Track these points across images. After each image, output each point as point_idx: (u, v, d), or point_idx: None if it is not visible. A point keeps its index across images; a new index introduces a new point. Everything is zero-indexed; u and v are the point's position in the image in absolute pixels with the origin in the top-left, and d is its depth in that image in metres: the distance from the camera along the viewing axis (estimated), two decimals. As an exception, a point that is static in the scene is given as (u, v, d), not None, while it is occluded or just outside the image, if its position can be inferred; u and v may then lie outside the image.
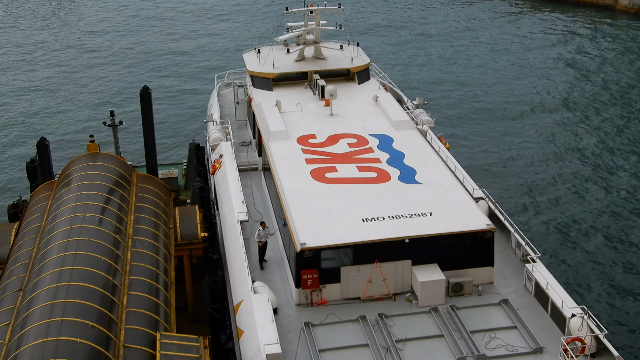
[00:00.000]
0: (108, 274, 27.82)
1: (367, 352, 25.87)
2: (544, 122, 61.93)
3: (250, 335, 25.98)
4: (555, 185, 51.31)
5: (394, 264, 28.78)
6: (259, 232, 30.86)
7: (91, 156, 37.36)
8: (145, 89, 42.14)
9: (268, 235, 31.27)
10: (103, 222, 31.13)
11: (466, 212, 30.13)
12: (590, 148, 57.02)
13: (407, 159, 34.62)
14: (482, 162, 54.75)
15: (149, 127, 42.36)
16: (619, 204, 48.54)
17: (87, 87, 71.86)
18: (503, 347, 25.97)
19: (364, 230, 28.84)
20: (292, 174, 33.39)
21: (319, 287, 28.61)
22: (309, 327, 27.29)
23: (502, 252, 31.55)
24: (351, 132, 37.63)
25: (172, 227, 35.21)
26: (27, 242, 32.02)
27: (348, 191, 31.76)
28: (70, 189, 33.94)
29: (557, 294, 27.12)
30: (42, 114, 65.84)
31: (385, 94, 42.47)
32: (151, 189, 36.89)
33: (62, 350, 22.97)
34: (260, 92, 43.31)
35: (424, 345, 26.17)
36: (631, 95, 67.62)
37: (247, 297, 27.74)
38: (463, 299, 28.78)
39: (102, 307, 25.82)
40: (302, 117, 39.70)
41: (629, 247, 43.51)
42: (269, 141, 36.76)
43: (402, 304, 28.62)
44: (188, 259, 35.49)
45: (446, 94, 68.39)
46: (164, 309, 28.48)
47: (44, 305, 25.20)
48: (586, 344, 24.72)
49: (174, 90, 70.68)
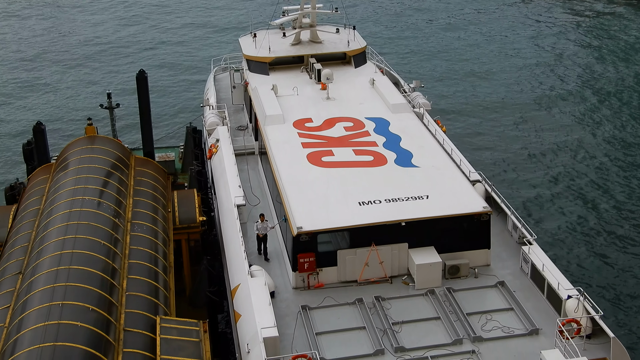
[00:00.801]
0: (108, 258, 27.95)
1: (364, 335, 26.09)
2: (542, 106, 61.95)
3: (247, 318, 26.17)
4: (552, 169, 51.46)
5: (390, 247, 28.95)
6: (257, 225, 30.78)
7: (89, 139, 37.39)
8: (142, 73, 42.11)
9: (268, 229, 31.03)
10: (102, 206, 31.21)
11: (463, 195, 30.28)
12: (588, 132, 57.13)
13: (404, 142, 34.71)
14: (479, 144, 54.85)
15: (145, 111, 42.37)
16: (616, 187, 48.73)
17: (84, 71, 71.66)
18: (499, 328, 26.22)
19: (360, 214, 28.98)
20: (288, 158, 33.49)
21: (316, 270, 28.79)
22: (306, 310, 27.48)
23: (499, 234, 31.74)
24: (347, 116, 37.69)
25: (170, 211, 35.31)
26: (25, 225, 32.11)
27: (344, 175, 31.88)
28: (68, 172, 33.99)
29: (553, 276, 27.33)
30: (38, 96, 65.73)
31: (382, 77, 42.50)
32: (149, 173, 36.95)
33: (64, 334, 23.12)
34: (256, 76, 43.30)
35: (421, 328, 26.40)
36: (631, 82, 67.67)
37: (244, 281, 27.90)
38: (459, 281, 28.99)
39: (103, 290, 25.97)
40: (298, 101, 39.74)
41: (625, 230, 43.75)
42: (265, 125, 36.81)
43: (398, 287, 28.83)
44: (186, 243, 35.61)
45: (443, 77, 68.37)
46: (164, 293, 28.65)
47: (45, 289, 25.34)
48: (582, 325, 24.96)
49: (170, 74, 70.53)
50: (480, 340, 25.57)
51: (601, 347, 24.80)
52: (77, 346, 22.84)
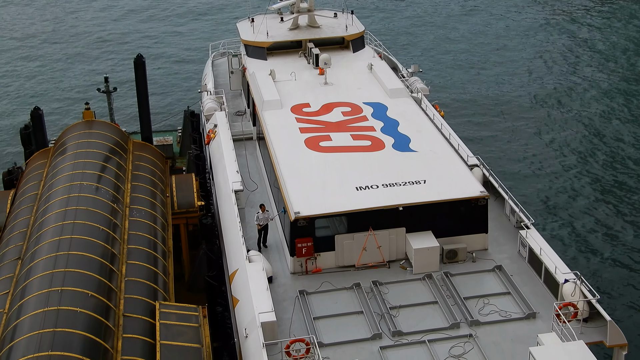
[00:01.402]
0: (107, 243, 28.00)
1: (362, 319, 26.21)
2: (540, 90, 61.91)
3: (245, 303, 26.26)
4: (549, 153, 51.50)
5: (388, 232, 29.02)
6: (258, 215, 30.38)
7: (87, 124, 37.35)
8: (140, 58, 42.03)
9: (268, 220, 30.68)
10: (100, 191, 31.22)
11: (460, 180, 30.33)
12: (586, 116, 57.12)
13: (402, 127, 34.71)
14: (477, 129, 54.85)
15: (143, 96, 42.32)
16: (613, 170, 48.79)
17: (81, 56, 71.48)
18: (496, 312, 26.35)
19: (358, 199, 29.03)
20: (286, 143, 33.48)
21: (314, 255, 28.88)
22: (303, 295, 27.59)
23: (496, 218, 31.81)
24: (345, 101, 37.64)
25: (169, 196, 35.33)
26: (24, 210, 32.14)
27: (342, 160, 31.90)
28: (66, 157, 33.98)
29: (551, 260, 27.42)
30: (36, 81, 65.60)
31: (380, 62, 42.42)
32: (148, 157, 36.94)
33: (63, 319, 23.22)
34: (254, 61, 43.20)
35: (418, 312, 26.52)
36: (632, 64, 67.61)
37: (242, 266, 27.98)
38: (457, 265, 29.09)
39: (102, 276, 26.04)
40: (296, 86, 39.66)
41: (623, 214, 43.85)
42: (263, 110, 36.78)
43: (396, 271, 28.92)
44: (185, 228, 35.69)
45: (442, 62, 68.24)
46: (163, 278, 28.73)
47: (44, 275, 25.41)
48: (579, 309, 25.07)
49: (168, 59, 70.36)
50: (477, 324, 25.71)
51: (598, 331, 24.95)
52: (77, 332, 22.95)
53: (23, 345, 22.36)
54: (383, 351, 24.64)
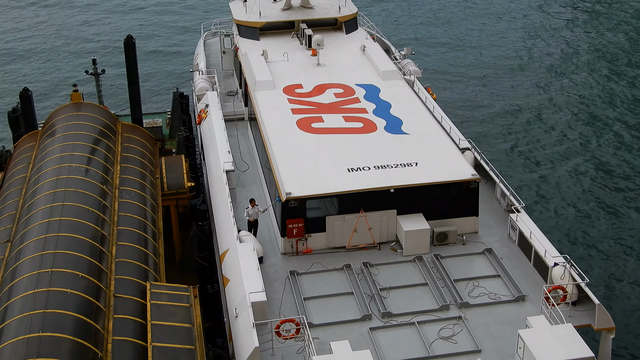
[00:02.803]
0: (96, 225, 27.89)
1: (352, 300, 26.30)
2: (533, 75, 61.82)
3: (235, 283, 26.30)
4: (541, 137, 51.55)
5: (379, 214, 29.07)
6: (248, 210, 29.86)
7: (75, 106, 37.12)
8: (130, 39, 41.68)
9: (259, 213, 30.09)
10: (89, 173, 31.10)
11: (451, 163, 30.36)
12: (580, 100, 57.13)
13: (394, 109, 34.68)
14: (469, 113, 54.81)
15: (133, 78, 42.02)
16: (604, 155, 48.89)
17: (69, 37, 70.93)
18: (486, 295, 26.47)
19: (349, 180, 29.04)
20: (278, 124, 33.43)
21: (305, 236, 28.92)
22: (294, 275, 27.66)
23: (487, 202, 31.89)
24: (338, 82, 37.58)
25: (158, 177, 35.25)
26: (12, 193, 31.98)
27: (334, 141, 31.88)
28: (55, 139, 33.79)
29: (540, 243, 27.52)
30: (23, 63, 65.09)
31: (373, 44, 42.30)
32: (137, 139, 36.80)
33: (54, 301, 23.14)
34: (246, 41, 43.02)
35: (408, 294, 26.62)
36: (626, 44, 67.60)
37: (233, 246, 27.99)
38: (447, 248, 29.18)
39: (92, 257, 25.95)
40: (288, 66, 39.55)
41: (613, 199, 43.99)
42: (255, 91, 36.68)
43: (387, 253, 29.01)
44: (175, 209, 35.63)
45: (434, 44, 68.06)
46: (153, 259, 28.70)
47: (33, 257, 25.30)
48: (568, 292, 25.19)
49: (159, 39, 69.91)
50: (466, 306, 25.83)
51: (586, 314, 25.10)
52: (68, 313, 22.89)
53: (14, 327, 22.28)
54: (373, 332, 24.75)
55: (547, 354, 21.90)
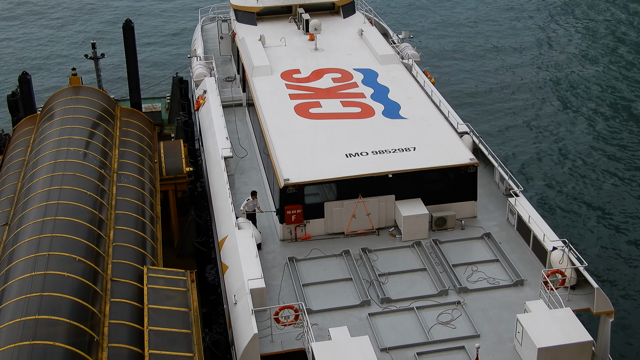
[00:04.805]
0: (94, 209, 27.83)
1: (351, 286, 26.25)
2: (533, 59, 61.63)
3: (234, 270, 26.24)
4: (540, 121, 51.45)
5: (377, 199, 28.98)
6: (248, 202, 29.40)
7: (74, 90, 37.01)
8: (128, 23, 41.48)
9: (256, 208, 29.51)
10: (88, 157, 31.02)
11: (450, 147, 30.25)
12: (579, 83, 56.98)
13: (392, 94, 34.54)
14: (468, 97, 54.68)
15: (132, 62, 41.85)
16: (603, 140, 48.81)
17: (69, 21, 70.62)
18: (485, 279, 26.43)
19: (347, 166, 28.94)
20: (275, 110, 33.29)
21: (303, 222, 28.83)
22: (292, 262, 27.59)
23: (486, 186, 31.80)
24: (336, 67, 37.42)
25: (157, 162, 35.17)
26: (11, 176, 31.92)
27: (332, 126, 31.75)
28: (53, 123, 33.69)
29: (539, 228, 27.46)
30: (22, 47, 64.83)
31: (371, 28, 42.10)
32: (135, 123, 36.70)
33: (50, 284, 23.09)
34: (244, 26, 42.80)
35: (407, 279, 26.57)
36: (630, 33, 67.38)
37: (232, 232, 27.91)
38: (446, 233, 29.12)
39: (89, 241, 25.89)
40: (286, 51, 39.38)
41: (612, 182, 43.95)
42: (253, 76, 36.52)
43: (385, 239, 28.94)
44: (173, 194, 35.57)
45: (433, 29, 67.80)
46: (151, 243, 28.65)
47: (31, 240, 25.25)
48: (566, 276, 25.16)
49: (157, 24, 69.60)
50: (465, 291, 25.80)
51: (585, 298, 25.06)
52: (64, 296, 22.85)
53: (10, 310, 22.26)
54: (372, 318, 24.72)
55: (546, 338, 21.90)
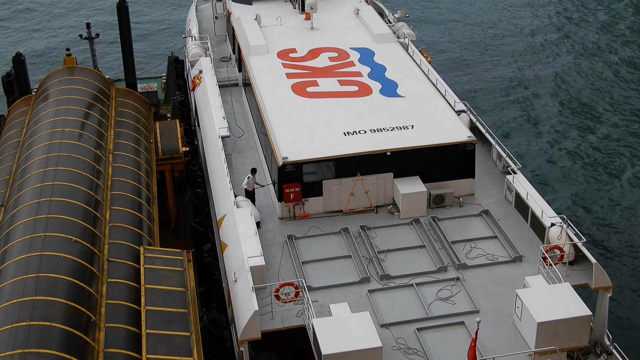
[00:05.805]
0: (90, 190, 27.69)
1: (350, 263, 26.23)
2: (529, 37, 61.48)
3: (234, 248, 26.18)
4: (537, 98, 51.36)
5: (375, 177, 28.90)
6: (249, 180, 29.26)
7: (68, 70, 36.78)
8: (123, 3, 41.24)
9: (255, 184, 29.35)
10: (83, 137, 30.84)
11: (447, 125, 30.15)
12: (577, 62, 56.87)
13: (389, 72, 34.37)
14: (464, 75, 54.55)
15: (127, 42, 41.65)
16: (600, 116, 48.77)
17: (63, 1, 70.17)
18: (483, 256, 26.41)
19: (345, 144, 28.83)
20: (272, 89, 33.11)
21: (302, 200, 28.75)
22: (292, 239, 27.54)
23: (483, 163, 31.72)
24: (332, 46, 37.20)
25: (153, 142, 35.02)
26: (6, 157, 31.75)
27: (329, 105, 31.61)
28: (48, 104, 33.49)
29: (537, 204, 27.41)
30: (16, 27, 64.42)
31: (367, 7, 41.85)
32: (131, 104, 36.50)
33: (47, 265, 23.00)
34: (239, 6, 42.47)
35: (406, 256, 26.55)
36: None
37: (230, 211, 27.82)
38: (444, 210, 29.06)
39: (85, 222, 25.78)
40: (282, 31, 39.13)
41: (609, 160, 43.95)
42: (249, 56, 36.30)
43: (384, 216, 28.88)
44: (170, 174, 35.45)
45: (427, 7, 67.50)
46: (147, 224, 28.55)
47: (27, 221, 25.12)
48: (565, 252, 25.17)
49: (151, 4, 69.16)
50: (464, 268, 25.78)
51: (583, 273, 25.07)
52: (61, 277, 22.76)
53: (7, 291, 22.18)
54: (371, 294, 24.70)
55: (545, 313, 21.91)
